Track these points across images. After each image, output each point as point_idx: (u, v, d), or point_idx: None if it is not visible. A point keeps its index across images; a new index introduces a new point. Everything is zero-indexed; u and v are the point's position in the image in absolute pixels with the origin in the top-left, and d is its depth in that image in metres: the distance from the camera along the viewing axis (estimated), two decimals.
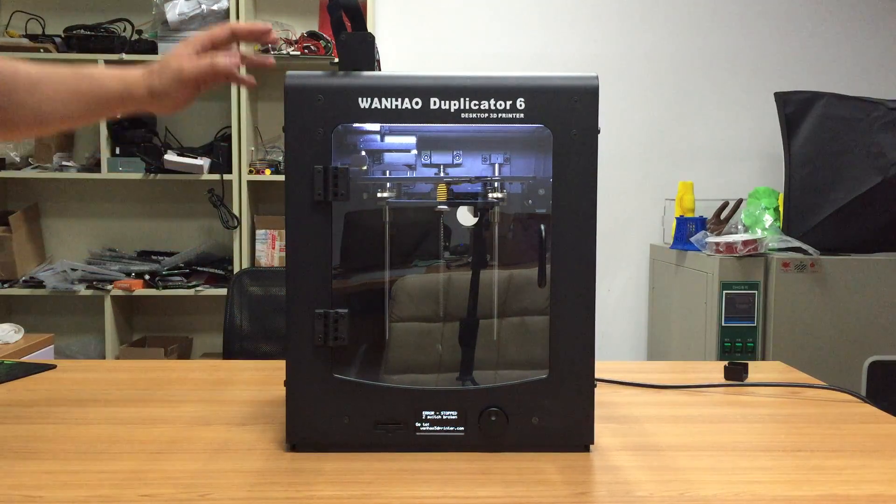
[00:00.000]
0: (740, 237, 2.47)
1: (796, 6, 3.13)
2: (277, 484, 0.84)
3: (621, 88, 3.13)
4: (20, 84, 0.90)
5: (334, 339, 0.92)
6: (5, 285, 2.85)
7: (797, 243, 2.47)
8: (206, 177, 2.84)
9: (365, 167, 0.99)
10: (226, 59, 0.94)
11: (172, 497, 0.80)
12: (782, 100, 2.61)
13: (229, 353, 1.80)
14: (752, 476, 0.87)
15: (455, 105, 0.91)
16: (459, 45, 3.12)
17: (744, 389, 1.26)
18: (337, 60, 0.95)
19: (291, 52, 2.79)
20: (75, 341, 3.01)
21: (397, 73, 0.93)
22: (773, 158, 3.10)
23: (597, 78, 0.92)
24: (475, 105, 0.91)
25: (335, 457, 0.92)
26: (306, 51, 2.79)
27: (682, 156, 3.16)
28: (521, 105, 0.91)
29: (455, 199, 0.99)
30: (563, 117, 0.91)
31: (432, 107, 0.91)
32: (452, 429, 0.94)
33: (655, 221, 3.16)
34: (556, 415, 0.93)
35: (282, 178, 2.65)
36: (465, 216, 1.00)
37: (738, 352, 2.42)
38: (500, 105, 0.91)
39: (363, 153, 1.00)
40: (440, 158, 1.01)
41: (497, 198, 0.99)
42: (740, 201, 2.80)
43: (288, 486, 0.83)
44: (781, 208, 2.66)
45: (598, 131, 0.91)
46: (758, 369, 1.40)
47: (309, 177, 0.91)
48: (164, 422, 1.06)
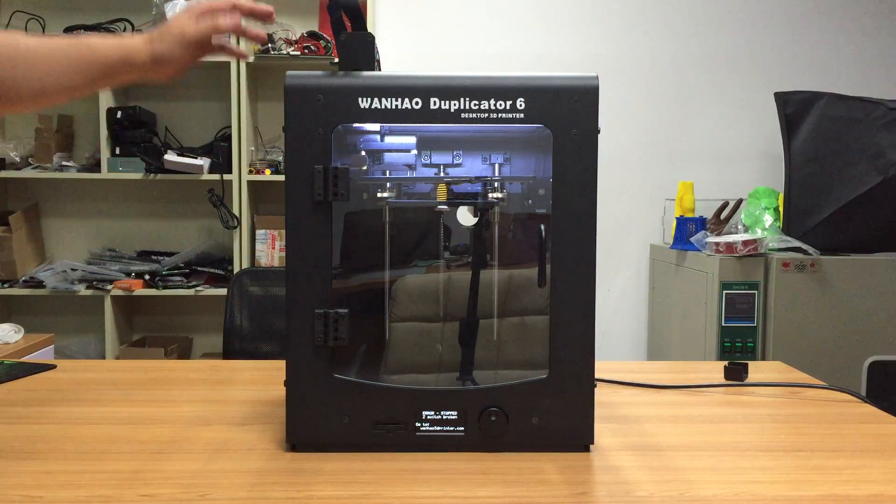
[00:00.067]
0: (740, 237, 2.47)
1: (796, 6, 3.13)
2: (277, 484, 0.84)
3: (621, 88, 3.13)
4: (21, 58, 0.90)
5: (334, 339, 0.92)
6: (5, 285, 2.85)
7: (797, 243, 2.47)
8: (206, 177, 2.84)
9: (365, 167, 0.99)
10: (227, 20, 0.95)
11: (172, 497, 0.80)
12: (782, 100, 2.61)
13: (229, 353, 1.80)
14: (752, 476, 0.87)
15: (455, 105, 0.91)
16: (459, 45, 3.12)
17: (744, 389, 1.26)
18: (337, 60, 0.95)
19: (291, 52, 2.79)
20: (75, 341, 3.01)
21: (397, 73, 0.93)
22: (773, 158, 3.10)
23: (597, 78, 0.92)
24: (475, 105, 0.91)
25: (335, 457, 0.92)
26: (306, 51, 2.79)
27: (682, 156, 3.16)
28: (521, 105, 0.91)
29: (455, 199, 0.99)
30: (563, 117, 0.91)
31: (432, 107, 0.91)
32: (452, 429, 0.94)
33: (655, 221, 3.16)
34: (556, 415, 0.93)
35: (282, 178, 2.65)
36: (465, 216, 1.00)
37: (738, 352, 2.41)
38: (500, 105, 0.91)
39: (363, 153, 1.00)
40: (440, 158, 1.01)
41: (497, 198, 0.99)
42: (740, 201, 2.79)
43: (288, 486, 0.83)
44: (781, 208, 2.66)
45: (598, 131, 0.91)
46: (758, 369, 1.40)
47: (309, 177, 0.91)
48: (164, 422, 1.06)
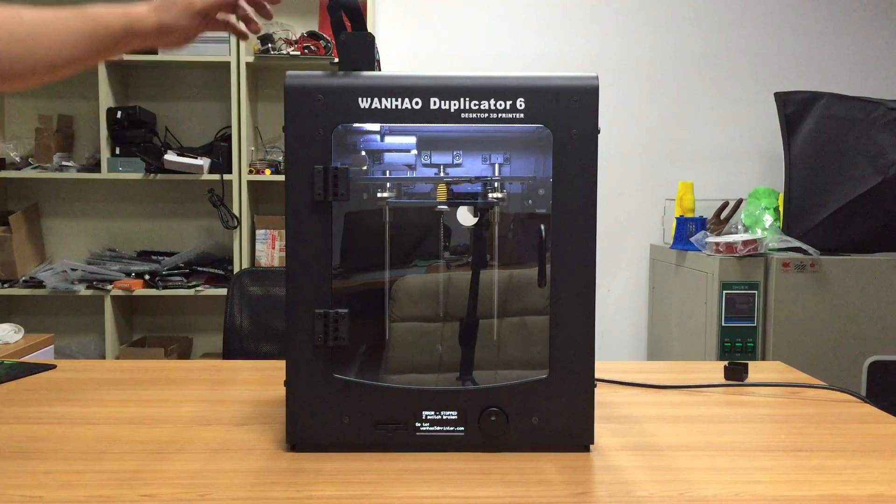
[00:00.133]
0: (740, 237, 2.47)
1: (796, 6, 3.13)
2: (277, 484, 0.84)
3: (621, 88, 3.13)
4: (26, 33, 0.90)
5: (334, 339, 0.92)
6: (5, 285, 2.85)
7: (797, 243, 2.47)
8: (206, 177, 2.84)
9: (365, 167, 0.99)
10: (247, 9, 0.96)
11: (172, 497, 0.80)
12: (782, 100, 2.61)
13: (229, 353, 1.80)
14: (752, 476, 0.87)
15: (455, 105, 0.91)
16: (459, 45, 3.12)
17: (744, 389, 1.26)
18: (337, 60, 0.95)
19: (291, 52, 2.79)
20: (75, 341, 3.01)
21: (397, 73, 0.92)
22: (773, 158, 3.10)
23: (597, 78, 0.92)
24: (475, 105, 0.91)
25: (335, 457, 0.92)
26: (306, 51, 2.79)
27: (682, 156, 3.16)
28: (521, 105, 0.91)
29: (455, 199, 0.99)
30: (563, 117, 0.91)
31: (432, 107, 0.91)
32: (452, 429, 0.94)
33: (655, 221, 3.16)
34: (556, 415, 0.93)
35: (282, 178, 2.65)
36: (465, 216, 1.00)
37: (738, 352, 2.41)
38: (500, 105, 0.91)
39: (363, 153, 1.00)
40: (440, 158, 1.00)
41: (497, 198, 0.99)
42: (740, 201, 2.79)
43: (288, 486, 0.83)
44: (781, 208, 2.66)
45: (598, 131, 0.91)
46: (758, 369, 1.40)
47: (309, 177, 0.91)
48: (164, 422, 1.06)
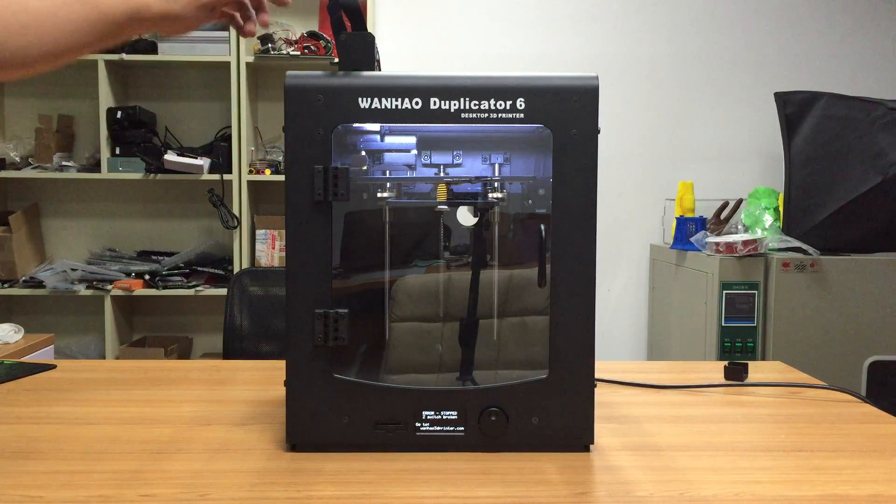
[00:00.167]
0: (740, 237, 2.47)
1: (796, 6, 3.14)
2: (277, 484, 0.84)
3: (621, 88, 3.13)
4: (32, 21, 0.89)
5: (334, 339, 0.92)
6: (5, 285, 2.85)
7: (797, 243, 2.47)
8: (206, 177, 2.84)
9: (365, 167, 0.99)
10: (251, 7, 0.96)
11: (172, 497, 0.80)
12: (782, 100, 2.61)
13: (229, 353, 1.80)
14: (752, 476, 0.87)
15: (455, 105, 0.91)
16: (459, 45, 3.12)
17: (744, 389, 1.26)
18: (337, 60, 0.94)
19: (291, 52, 2.79)
20: (75, 341, 3.01)
21: (397, 73, 0.92)
22: (773, 158, 3.10)
23: (597, 78, 0.92)
24: (475, 105, 0.91)
25: (335, 457, 0.92)
26: (306, 51, 2.79)
27: (682, 156, 3.16)
28: (521, 105, 0.91)
29: (455, 199, 0.99)
30: (563, 117, 0.91)
31: (432, 107, 0.91)
32: (452, 429, 0.94)
33: (655, 221, 3.16)
34: (556, 415, 0.93)
35: (282, 178, 2.65)
36: (465, 216, 1.00)
37: (738, 352, 2.41)
38: (500, 105, 0.91)
39: (363, 153, 0.99)
40: (440, 158, 1.00)
41: (497, 198, 0.99)
42: (740, 201, 2.80)
43: (288, 486, 0.83)
44: (781, 208, 2.66)
45: (598, 131, 0.91)
46: (758, 369, 1.40)
47: (309, 177, 0.91)
48: (164, 422, 1.06)
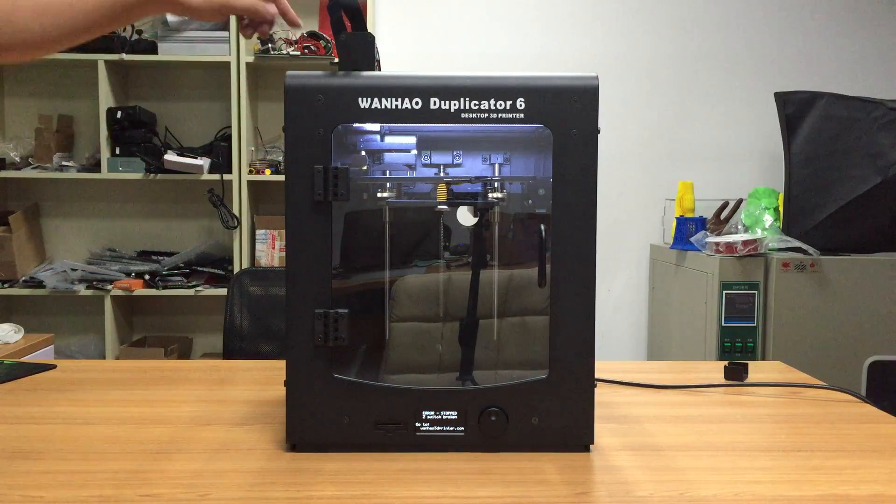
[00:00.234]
0: (740, 237, 2.47)
1: (796, 6, 3.13)
2: (277, 484, 0.84)
3: (621, 88, 3.13)
4: (41, 5, 0.90)
5: (334, 339, 0.92)
6: (5, 285, 2.85)
7: (797, 243, 2.47)
8: (206, 177, 2.84)
9: (365, 167, 0.99)
10: (272, 9, 0.97)
11: (172, 497, 0.80)
12: (782, 100, 2.61)
13: (229, 353, 1.80)
14: (752, 476, 0.87)
15: (455, 105, 0.91)
16: (459, 45, 3.12)
17: (744, 389, 1.26)
18: (337, 60, 0.94)
19: (291, 52, 2.79)
20: (75, 341, 3.01)
21: (397, 73, 0.92)
22: (773, 158, 3.10)
23: (597, 78, 0.92)
24: (475, 105, 0.91)
25: (335, 457, 0.92)
26: (306, 51, 2.79)
27: (682, 156, 3.16)
28: (521, 105, 0.91)
29: (455, 199, 0.99)
30: (563, 117, 0.91)
31: (432, 107, 0.91)
32: (452, 429, 0.94)
33: (655, 221, 3.16)
34: (556, 415, 0.93)
35: (282, 178, 2.65)
36: (465, 216, 1.00)
37: (738, 352, 2.41)
38: (500, 105, 0.91)
39: (363, 153, 1.00)
40: (440, 158, 1.00)
41: (497, 198, 0.99)
42: (740, 201, 2.79)
43: (288, 486, 0.83)
44: (781, 208, 2.66)
45: (598, 131, 0.91)
46: (758, 369, 1.40)
47: (309, 177, 0.91)
48: (164, 422, 1.06)
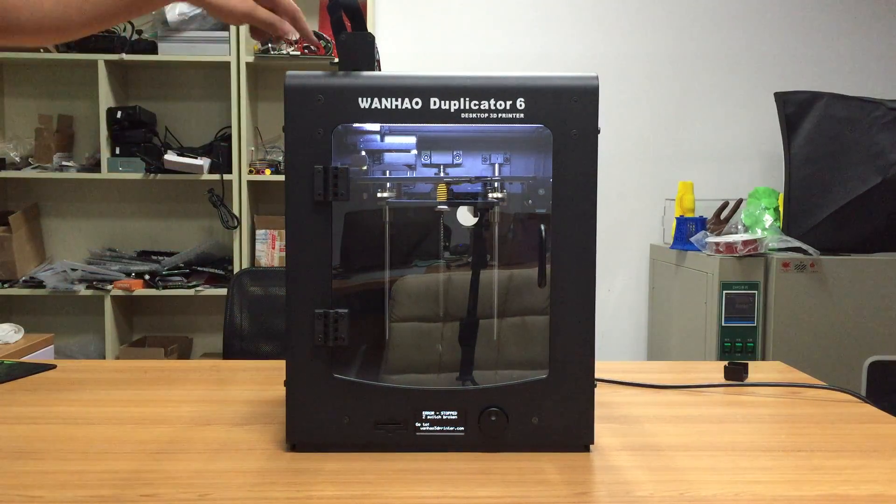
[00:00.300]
0: (740, 237, 2.47)
1: (796, 6, 3.13)
2: (277, 484, 0.84)
3: (621, 88, 3.13)
4: None
5: (334, 339, 0.92)
6: (5, 285, 2.85)
7: (797, 243, 2.47)
8: (206, 177, 2.84)
9: (365, 167, 0.99)
10: (288, 27, 0.96)
11: (172, 497, 0.80)
12: (782, 100, 2.61)
13: (229, 353, 1.80)
14: (752, 476, 0.87)
15: (455, 105, 0.91)
16: (459, 45, 3.12)
17: (744, 389, 1.26)
18: (337, 60, 0.94)
19: (291, 52, 2.79)
20: (75, 341, 3.01)
21: (397, 73, 0.92)
22: (773, 158, 3.10)
23: (597, 78, 0.92)
24: (475, 105, 0.91)
25: (335, 457, 0.92)
26: (306, 51, 2.79)
27: (682, 156, 3.16)
28: (521, 105, 0.91)
29: (455, 199, 0.99)
30: (563, 117, 0.91)
31: (432, 107, 0.91)
32: (452, 429, 0.94)
33: (655, 221, 3.16)
34: (555, 415, 0.93)
35: (282, 178, 2.65)
36: (465, 216, 1.00)
37: (738, 352, 2.41)
38: (500, 105, 0.91)
39: (363, 153, 1.00)
40: (440, 158, 1.00)
41: (497, 198, 0.99)
42: (740, 201, 2.79)
43: (288, 486, 0.83)
44: (781, 208, 2.66)
45: (598, 131, 0.91)
46: (758, 369, 1.40)
47: (309, 177, 0.91)
48: (164, 422, 1.06)
